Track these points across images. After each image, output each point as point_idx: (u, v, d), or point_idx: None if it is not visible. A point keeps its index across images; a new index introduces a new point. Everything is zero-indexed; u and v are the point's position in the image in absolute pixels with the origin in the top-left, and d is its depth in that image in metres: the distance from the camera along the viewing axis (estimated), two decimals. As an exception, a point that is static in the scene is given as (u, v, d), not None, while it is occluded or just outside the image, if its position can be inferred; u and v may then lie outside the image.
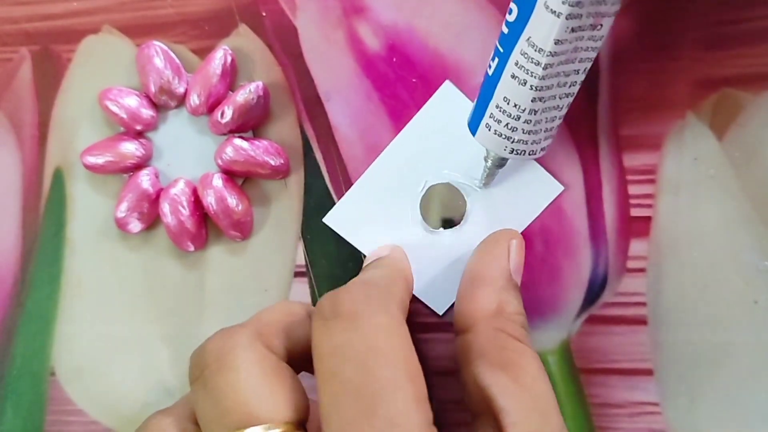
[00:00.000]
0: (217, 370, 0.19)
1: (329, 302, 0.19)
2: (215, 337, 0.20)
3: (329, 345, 0.18)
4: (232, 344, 0.19)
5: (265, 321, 0.21)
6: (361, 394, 0.17)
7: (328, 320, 0.18)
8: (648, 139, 0.25)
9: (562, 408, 0.25)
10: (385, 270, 0.22)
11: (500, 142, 0.22)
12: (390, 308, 0.19)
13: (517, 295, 0.22)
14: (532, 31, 0.19)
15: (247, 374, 0.18)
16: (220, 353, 0.19)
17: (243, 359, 0.19)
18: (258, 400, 0.18)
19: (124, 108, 0.26)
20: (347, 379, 0.17)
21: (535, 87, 0.20)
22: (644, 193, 0.25)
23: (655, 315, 0.25)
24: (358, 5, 0.27)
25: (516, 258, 0.23)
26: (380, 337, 0.18)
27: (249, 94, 0.26)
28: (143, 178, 0.26)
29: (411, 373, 0.18)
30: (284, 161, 0.26)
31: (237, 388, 0.18)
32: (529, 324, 0.25)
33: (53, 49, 0.28)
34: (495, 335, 0.21)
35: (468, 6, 0.26)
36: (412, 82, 0.26)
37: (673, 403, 0.25)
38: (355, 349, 0.18)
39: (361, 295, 0.19)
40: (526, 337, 0.21)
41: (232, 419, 0.18)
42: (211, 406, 0.19)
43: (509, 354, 0.20)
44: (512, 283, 0.22)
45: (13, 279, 0.27)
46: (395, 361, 0.18)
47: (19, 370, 0.27)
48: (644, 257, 0.25)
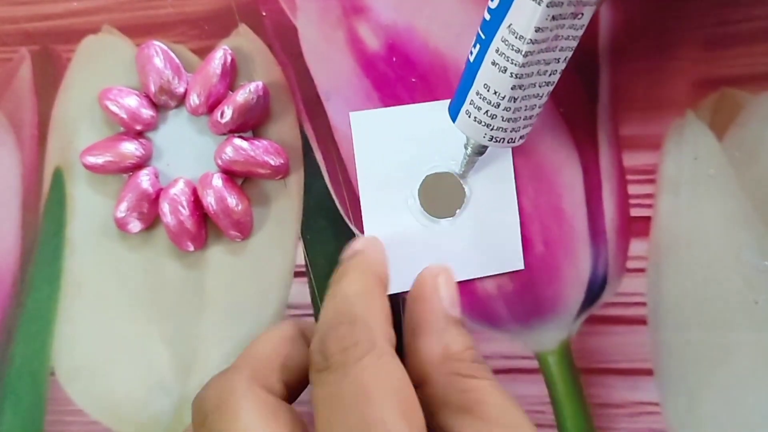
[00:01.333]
0: (218, 419, 0.19)
1: (319, 356, 0.19)
2: (213, 383, 0.20)
3: (323, 395, 0.18)
4: (229, 390, 0.19)
5: (258, 357, 0.20)
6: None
7: (321, 372, 0.19)
8: (648, 139, 0.26)
9: (562, 408, 0.25)
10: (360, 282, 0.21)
11: (480, 129, 0.22)
12: (375, 343, 0.19)
13: (460, 331, 0.22)
14: (513, 18, 0.19)
15: (247, 420, 0.19)
16: (219, 401, 0.19)
17: (242, 406, 0.19)
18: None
19: (124, 108, 0.26)
20: (341, 426, 0.18)
21: (516, 74, 0.20)
22: (644, 192, 0.25)
23: (655, 315, 0.25)
24: (358, 5, 0.27)
25: (446, 293, 0.23)
26: (368, 378, 0.18)
27: (249, 93, 0.26)
28: (143, 178, 0.26)
29: (403, 409, 0.18)
30: (284, 161, 0.26)
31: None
32: (529, 324, 0.25)
33: (53, 48, 0.28)
34: (450, 381, 0.21)
35: (468, 6, 0.26)
36: (411, 82, 0.26)
37: (673, 403, 0.25)
38: (346, 396, 0.18)
39: (345, 340, 0.19)
40: (480, 371, 0.21)
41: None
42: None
43: (468, 395, 0.20)
44: (451, 320, 0.22)
45: (12, 279, 0.27)
46: (385, 401, 0.18)
47: (19, 370, 0.27)
48: (644, 257, 0.25)
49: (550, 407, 0.25)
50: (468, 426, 0.19)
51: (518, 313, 0.25)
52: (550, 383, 0.25)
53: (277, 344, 0.21)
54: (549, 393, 0.25)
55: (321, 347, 0.19)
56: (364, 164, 0.26)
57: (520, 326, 0.25)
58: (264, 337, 0.21)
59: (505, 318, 0.25)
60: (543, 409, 0.25)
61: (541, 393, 0.25)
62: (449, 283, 0.23)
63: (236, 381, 0.19)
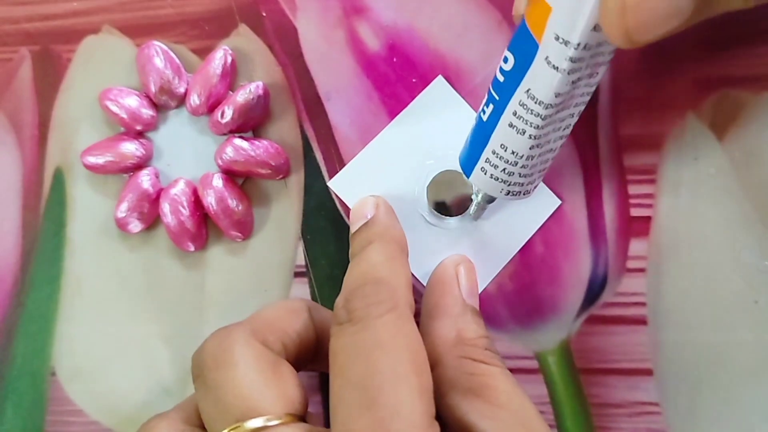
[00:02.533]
0: (216, 368, 0.19)
1: (344, 311, 0.19)
2: (213, 336, 0.20)
3: (340, 345, 0.19)
4: (229, 342, 0.20)
5: (261, 319, 0.21)
6: (365, 387, 0.18)
7: (342, 324, 0.19)
8: (648, 139, 0.26)
9: (562, 408, 0.25)
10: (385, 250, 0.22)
11: (496, 185, 0.22)
12: (398, 304, 0.19)
13: (476, 319, 0.23)
14: (531, 83, 0.19)
15: (245, 370, 0.19)
16: (218, 351, 0.20)
17: (240, 355, 0.19)
18: (256, 394, 0.19)
19: (125, 108, 0.26)
20: (353, 373, 0.18)
21: (534, 136, 0.20)
22: (644, 193, 0.25)
23: (655, 315, 0.25)
24: (359, 5, 0.27)
25: (466, 282, 0.23)
26: (386, 334, 0.18)
27: (249, 94, 0.26)
28: (143, 178, 0.26)
29: (416, 366, 0.18)
30: (284, 161, 0.26)
31: (235, 384, 0.19)
32: (529, 324, 0.25)
33: (53, 49, 0.28)
34: (460, 364, 0.21)
35: (468, 6, 0.26)
36: (412, 83, 0.26)
37: (673, 403, 0.25)
38: (362, 346, 0.18)
39: (369, 297, 0.19)
40: (492, 358, 0.21)
41: (232, 413, 0.19)
42: (212, 403, 0.19)
43: (478, 378, 0.20)
44: (468, 308, 0.23)
45: (13, 279, 0.27)
46: (399, 355, 0.18)
47: (20, 370, 0.27)
48: (644, 257, 0.25)
49: (550, 407, 0.25)
50: (475, 408, 0.20)
51: (518, 313, 0.25)
52: (549, 383, 0.25)
53: (283, 312, 0.21)
54: (549, 393, 0.25)
55: (345, 303, 0.19)
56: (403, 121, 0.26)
57: (520, 326, 0.25)
58: (269, 306, 0.22)
59: (505, 318, 0.25)
60: (543, 409, 0.25)
61: (541, 393, 0.25)
62: (470, 273, 0.24)
63: (236, 333, 0.20)
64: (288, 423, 0.19)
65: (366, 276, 0.20)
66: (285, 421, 0.18)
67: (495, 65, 0.26)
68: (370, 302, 0.19)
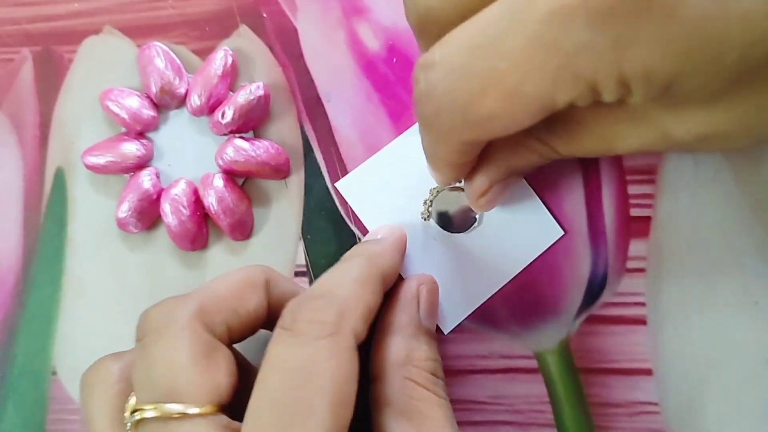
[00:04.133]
0: (153, 342, 0.19)
1: (290, 316, 0.19)
2: (160, 306, 0.20)
3: (275, 352, 0.19)
4: (171, 319, 0.20)
5: (213, 295, 0.21)
6: (279, 409, 0.17)
7: (284, 330, 0.19)
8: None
9: (562, 407, 0.25)
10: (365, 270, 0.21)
11: None
12: (340, 331, 0.19)
13: (429, 341, 0.23)
14: None
15: (178, 353, 0.19)
16: (160, 324, 0.20)
17: (178, 337, 0.19)
18: (183, 379, 0.19)
19: (125, 108, 0.26)
20: (273, 388, 0.18)
21: None
22: (644, 193, 0.25)
23: (654, 315, 0.25)
24: (359, 6, 0.27)
25: (426, 304, 0.23)
26: (318, 358, 0.18)
27: (249, 94, 0.26)
28: (144, 179, 0.26)
29: (335, 401, 0.18)
30: (284, 161, 0.26)
31: (166, 363, 0.19)
32: (529, 324, 0.25)
33: (54, 49, 0.28)
34: (403, 384, 0.21)
35: (468, 6, 0.26)
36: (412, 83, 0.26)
37: (673, 403, 0.25)
38: (292, 363, 0.18)
39: (316, 314, 0.19)
40: (434, 385, 0.21)
41: (157, 391, 0.19)
42: (143, 372, 0.19)
43: (415, 403, 0.20)
44: (422, 329, 0.23)
45: (14, 279, 0.27)
46: (322, 387, 0.18)
47: (21, 370, 0.27)
48: (644, 257, 0.25)
49: (550, 407, 0.25)
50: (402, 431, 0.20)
51: (518, 313, 0.25)
52: (549, 383, 0.25)
53: (236, 287, 0.21)
54: (548, 393, 0.25)
55: (295, 308, 0.19)
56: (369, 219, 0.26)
57: (520, 326, 0.25)
58: (228, 276, 0.21)
59: (505, 318, 0.25)
60: (542, 409, 0.25)
61: (541, 393, 0.25)
62: (432, 294, 0.24)
63: (181, 310, 0.20)
64: (206, 414, 0.18)
65: (326, 288, 0.20)
66: (204, 411, 0.18)
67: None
68: (315, 319, 0.19)
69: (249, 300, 0.21)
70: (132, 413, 0.19)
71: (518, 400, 0.25)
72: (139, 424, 0.19)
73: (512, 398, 0.25)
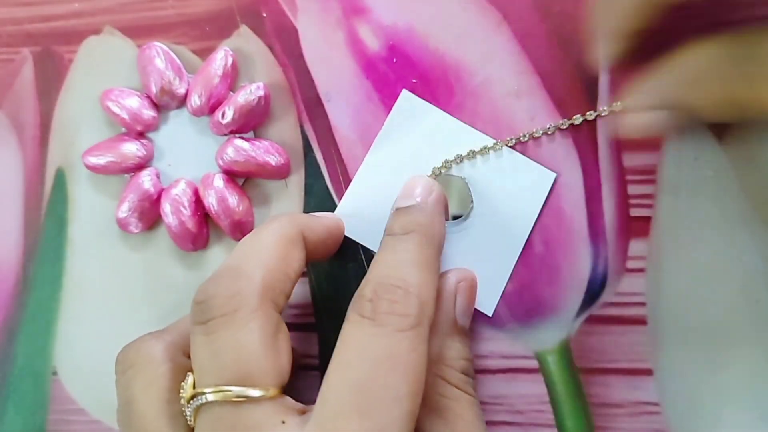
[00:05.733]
0: (223, 325, 0.19)
1: (369, 306, 0.19)
2: (224, 285, 0.20)
3: (355, 338, 0.19)
4: (240, 301, 0.19)
5: (267, 265, 0.20)
6: (364, 394, 0.18)
7: (364, 318, 0.19)
8: (648, 139, 0.25)
9: (562, 407, 0.25)
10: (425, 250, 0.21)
11: None
12: (422, 322, 0.19)
13: (462, 340, 0.23)
14: None
15: (252, 336, 0.19)
16: (228, 308, 0.19)
17: (250, 320, 0.19)
18: (254, 362, 0.19)
19: (126, 109, 0.26)
20: (357, 374, 0.18)
21: None
22: (644, 193, 0.25)
23: (655, 315, 0.25)
24: (359, 6, 0.27)
25: (463, 302, 0.23)
26: (402, 350, 0.19)
27: (250, 94, 0.26)
28: (144, 179, 0.26)
29: (414, 390, 0.18)
30: (285, 161, 0.26)
31: (238, 348, 0.19)
32: (529, 324, 0.25)
33: (55, 49, 0.28)
34: (434, 382, 0.21)
35: (468, 7, 0.26)
36: (412, 83, 0.26)
37: (673, 403, 0.25)
38: (376, 352, 0.18)
39: (397, 306, 0.19)
40: (465, 383, 0.22)
41: (226, 375, 0.19)
42: (209, 356, 0.19)
43: (446, 401, 0.21)
44: (456, 328, 0.23)
45: (15, 279, 0.27)
46: (405, 376, 0.18)
47: (21, 370, 0.27)
48: (644, 257, 0.25)
49: (550, 407, 0.25)
50: (434, 428, 0.20)
51: (518, 312, 0.25)
52: (549, 383, 0.25)
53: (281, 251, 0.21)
54: (548, 392, 0.25)
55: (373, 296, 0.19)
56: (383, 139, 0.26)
57: (520, 326, 0.25)
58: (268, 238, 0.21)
59: (505, 318, 0.25)
60: (542, 409, 0.25)
61: (541, 392, 0.25)
62: (469, 291, 0.24)
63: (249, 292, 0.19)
64: (274, 397, 0.19)
65: (399, 276, 0.20)
66: (271, 394, 0.19)
67: (495, 65, 0.26)
68: (398, 311, 0.19)
69: (294, 259, 0.21)
70: (192, 398, 0.19)
71: (518, 400, 0.25)
72: (201, 408, 0.19)
73: (512, 398, 0.25)
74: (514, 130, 0.26)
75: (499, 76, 0.26)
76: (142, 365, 0.21)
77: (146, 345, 0.21)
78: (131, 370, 0.21)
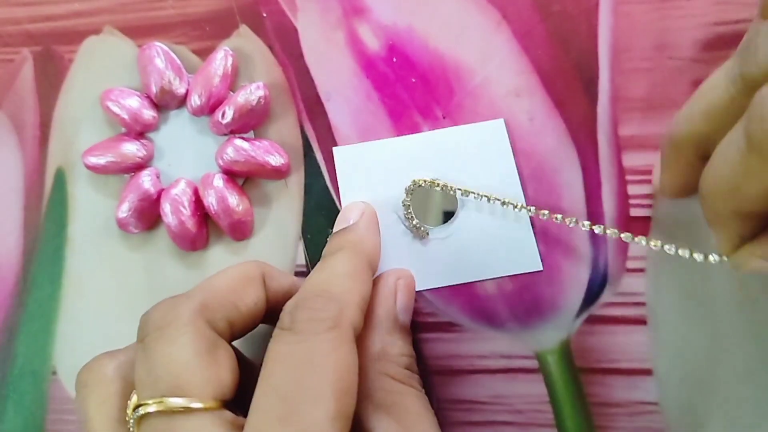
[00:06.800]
0: (156, 340, 0.19)
1: (288, 317, 0.20)
2: (162, 305, 0.20)
3: (275, 351, 0.19)
4: (174, 315, 0.20)
5: (213, 291, 0.21)
6: (285, 398, 0.18)
7: (284, 330, 0.19)
8: (648, 139, 0.26)
9: (562, 407, 0.25)
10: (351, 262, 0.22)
11: None
12: (340, 324, 0.19)
13: (403, 336, 0.23)
14: None
15: (181, 349, 0.19)
16: (162, 322, 0.20)
17: (181, 334, 0.19)
18: (187, 375, 0.19)
19: (126, 109, 0.26)
20: (279, 382, 0.18)
21: None
22: (644, 193, 0.25)
23: (654, 315, 0.25)
24: (358, 6, 0.27)
25: (403, 299, 0.24)
26: (320, 352, 0.19)
27: (249, 94, 0.26)
28: (144, 179, 0.26)
29: (339, 389, 0.18)
30: (285, 161, 0.26)
31: (170, 360, 0.19)
32: (529, 324, 0.25)
33: (55, 49, 0.28)
34: (379, 378, 0.22)
35: (468, 6, 0.26)
36: (411, 82, 0.26)
37: (673, 403, 0.25)
38: (294, 359, 0.19)
39: (316, 313, 0.19)
40: (409, 378, 0.22)
41: (160, 387, 0.19)
42: (145, 371, 0.19)
43: (392, 396, 0.21)
44: (398, 324, 0.23)
45: (14, 278, 0.27)
46: (326, 376, 0.18)
47: (21, 369, 0.27)
48: (644, 257, 0.25)
49: (550, 407, 0.25)
50: (382, 424, 0.20)
51: (518, 313, 0.25)
52: (549, 383, 0.25)
53: (235, 283, 0.21)
54: (549, 392, 0.25)
55: (292, 310, 0.20)
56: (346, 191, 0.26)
57: (520, 326, 0.25)
58: (225, 272, 0.22)
59: (505, 318, 0.25)
60: (543, 409, 0.25)
61: (541, 392, 0.25)
62: (408, 289, 0.24)
63: (182, 308, 0.20)
64: (211, 409, 0.19)
65: (321, 287, 0.21)
66: (208, 406, 0.19)
67: (494, 65, 0.26)
68: (315, 317, 0.19)
69: (248, 295, 0.21)
70: (134, 409, 0.19)
71: (519, 400, 0.25)
72: (142, 420, 0.19)
73: (513, 398, 0.25)
74: (514, 130, 0.26)
75: (499, 75, 0.26)
76: (95, 384, 0.21)
77: (98, 364, 0.21)
78: (85, 390, 0.21)
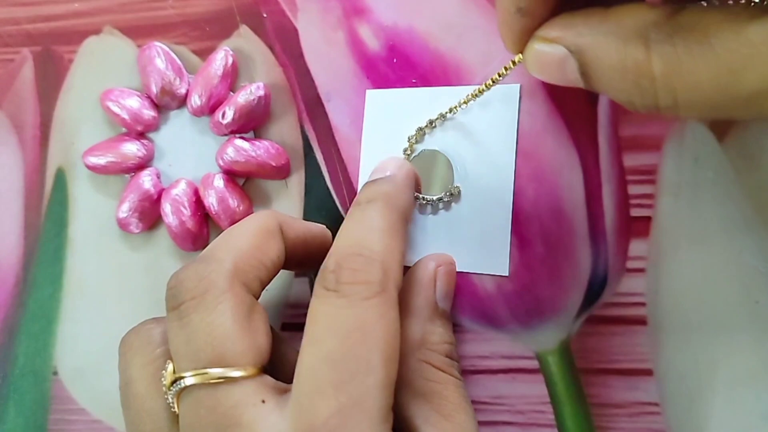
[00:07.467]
0: (194, 309, 0.19)
1: (333, 277, 0.19)
2: (190, 271, 0.20)
3: (322, 312, 0.19)
4: (209, 283, 0.19)
5: (240, 251, 0.20)
6: (337, 367, 0.18)
7: (329, 291, 0.19)
8: (648, 140, 0.26)
9: (562, 408, 0.25)
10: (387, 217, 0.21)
11: None
12: (387, 288, 0.19)
13: (444, 323, 0.23)
14: None
15: (221, 318, 0.19)
16: (197, 289, 0.19)
17: (219, 302, 0.19)
18: (228, 344, 0.19)
19: (126, 109, 0.26)
20: (328, 348, 0.18)
21: None
22: (644, 193, 0.25)
23: (654, 315, 0.25)
24: (359, 6, 0.27)
25: (443, 286, 0.24)
26: (370, 318, 0.19)
27: (250, 94, 0.26)
28: (145, 179, 0.26)
29: (388, 357, 0.18)
30: (285, 162, 0.26)
31: (210, 330, 0.19)
32: (529, 324, 0.25)
33: (55, 49, 0.28)
34: (419, 366, 0.21)
35: (468, 6, 0.26)
36: (412, 83, 0.26)
37: (673, 403, 0.25)
38: (344, 324, 0.18)
39: (360, 274, 0.19)
40: (450, 367, 0.22)
41: (200, 357, 0.19)
42: (183, 341, 0.19)
43: (432, 385, 0.21)
44: (438, 312, 0.23)
45: (15, 279, 0.27)
46: (376, 344, 0.18)
47: (22, 370, 0.27)
48: (644, 257, 0.25)
49: (550, 407, 0.25)
50: (422, 413, 0.20)
51: (518, 313, 0.25)
52: (550, 383, 0.25)
53: (258, 239, 0.21)
54: (549, 393, 0.25)
55: (336, 269, 0.19)
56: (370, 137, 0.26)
57: (520, 326, 0.25)
58: (244, 228, 0.21)
59: (505, 318, 0.25)
60: (543, 409, 0.25)
61: (541, 393, 0.25)
62: (449, 275, 0.24)
63: (218, 275, 0.20)
64: (252, 376, 0.19)
65: (362, 244, 0.20)
66: (249, 374, 0.19)
67: (495, 65, 0.26)
68: (361, 279, 0.19)
69: (271, 249, 0.21)
70: (172, 383, 0.19)
71: (519, 400, 0.25)
72: (181, 393, 0.19)
73: (513, 398, 0.25)
74: (515, 130, 0.26)
75: (500, 76, 0.26)
76: (140, 347, 0.21)
77: (145, 328, 0.21)
78: (130, 353, 0.21)
